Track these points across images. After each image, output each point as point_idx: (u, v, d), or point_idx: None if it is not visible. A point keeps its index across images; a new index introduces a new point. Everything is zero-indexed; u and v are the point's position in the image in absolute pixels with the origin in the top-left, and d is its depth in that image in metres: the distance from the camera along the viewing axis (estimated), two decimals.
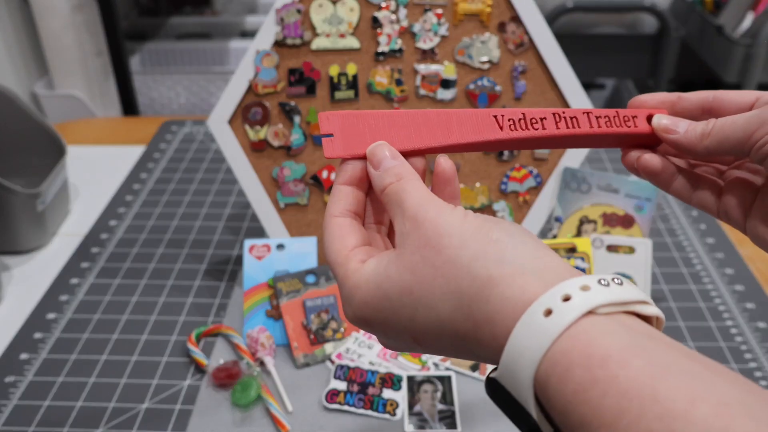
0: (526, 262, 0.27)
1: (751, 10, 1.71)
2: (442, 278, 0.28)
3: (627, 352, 0.23)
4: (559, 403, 0.24)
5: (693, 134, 0.35)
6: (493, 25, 0.66)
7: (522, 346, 0.25)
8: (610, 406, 0.22)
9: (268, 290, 0.70)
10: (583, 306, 0.24)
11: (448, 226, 0.29)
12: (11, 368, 0.66)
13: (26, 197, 0.79)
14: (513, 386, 0.26)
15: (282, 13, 0.65)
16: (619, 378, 0.22)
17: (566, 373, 0.24)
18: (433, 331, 0.29)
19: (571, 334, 0.24)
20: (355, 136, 0.34)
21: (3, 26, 1.27)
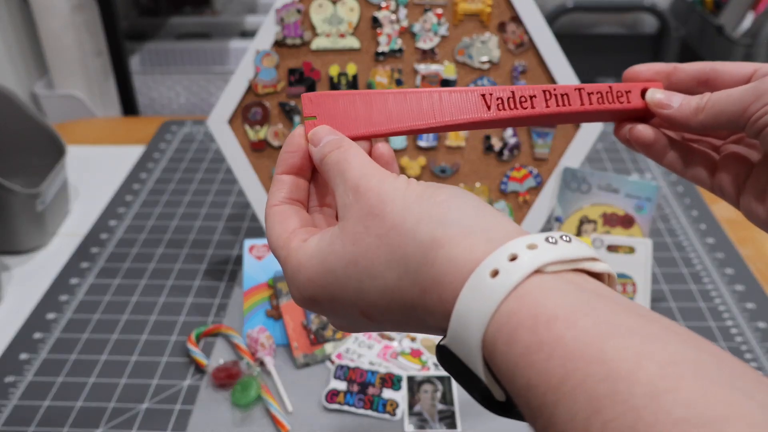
0: (473, 222, 0.26)
1: (751, 10, 1.71)
2: (386, 246, 0.27)
3: (574, 312, 0.22)
4: (506, 367, 0.23)
5: (687, 109, 0.35)
6: (493, 25, 0.66)
7: (469, 309, 0.24)
8: (555, 368, 0.21)
9: (268, 290, 0.70)
10: (530, 265, 0.24)
11: (391, 193, 0.28)
12: (11, 368, 0.66)
13: (26, 197, 0.79)
14: (462, 351, 0.25)
15: (282, 13, 0.65)
16: (564, 339, 0.22)
17: (513, 335, 0.23)
18: (382, 302, 0.28)
19: (517, 294, 0.23)
20: (339, 117, 0.33)
21: (3, 26, 1.27)
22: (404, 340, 0.68)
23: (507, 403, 0.26)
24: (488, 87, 0.34)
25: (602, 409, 0.20)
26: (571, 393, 0.21)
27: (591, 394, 0.20)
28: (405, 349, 0.67)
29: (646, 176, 0.98)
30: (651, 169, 0.99)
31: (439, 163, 0.70)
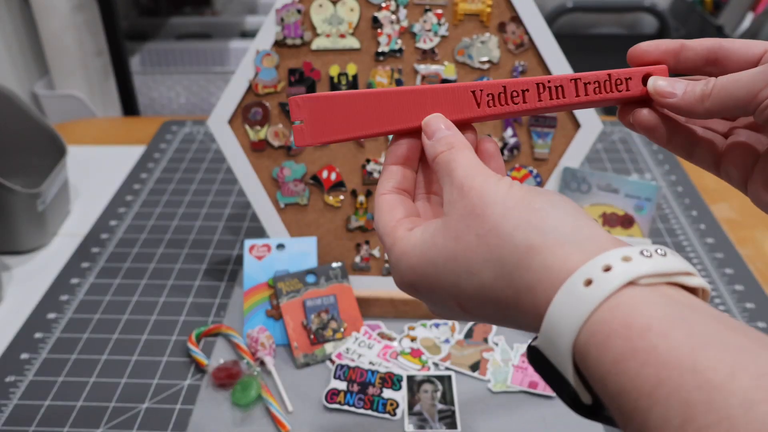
0: (568, 232, 0.27)
1: (750, 11, 1.71)
2: (484, 246, 0.28)
3: (667, 323, 0.23)
4: (597, 372, 0.24)
5: (692, 96, 0.33)
6: (493, 25, 0.66)
7: (562, 315, 0.25)
8: (649, 376, 0.22)
9: (268, 290, 0.70)
10: (624, 276, 0.24)
11: (492, 195, 0.29)
12: (12, 368, 0.66)
13: (26, 197, 0.79)
14: (552, 354, 0.26)
15: (282, 13, 0.65)
16: (658, 349, 0.22)
17: (605, 343, 0.24)
18: (477, 298, 0.29)
19: (611, 304, 0.24)
20: (326, 120, 0.33)
21: (3, 26, 1.27)
22: (404, 340, 0.69)
23: (593, 406, 0.26)
24: (479, 82, 0.34)
25: (696, 416, 0.21)
26: (665, 400, 0.22)
27: (685, 401, 0.21)
28: (405, 349, 0.67)
29: (645, 176, 0.98)
30: (651, 170, 0.99)
31: None
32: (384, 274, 0.73)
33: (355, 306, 0.70)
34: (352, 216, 0.72)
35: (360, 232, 0.72)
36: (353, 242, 0.73)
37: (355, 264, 0.73)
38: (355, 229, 0.72)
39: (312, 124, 0.33)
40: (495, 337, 0.69)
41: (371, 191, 0.71)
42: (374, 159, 0.70)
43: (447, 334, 0.69)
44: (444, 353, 0.67)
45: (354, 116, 0.33)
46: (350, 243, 0.73)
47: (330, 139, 0.34)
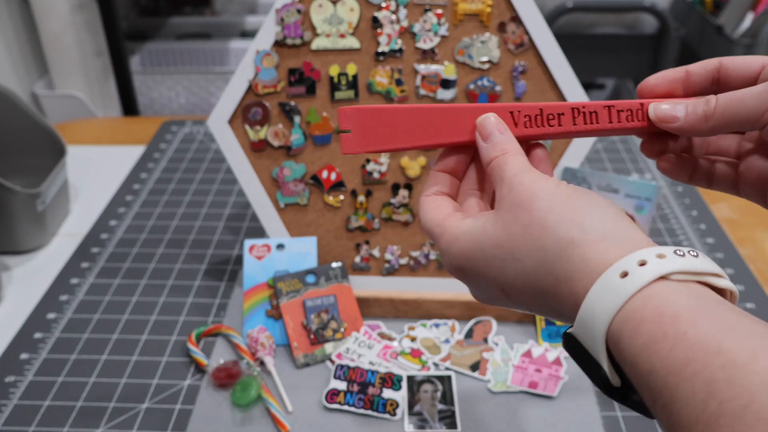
0: (609, 230, 0.29)
1: (750, 11, 1.71)
2: (529, 236, 0.31)
3: (696, 313, 0.25)
4: (629, 355, 0.26)
5: (694, 117, 0.35)
6: (493, 25, 0.66)
7: (598, 303, 0.27)
8: (678, 357, 0.25)
9: (268, 290, 0.70)
10: (657, 271, 0.27)
11: (540, 191, 0.32)
12: (11, 368, 0.66)
13: (26, 197, 0.79)
14: (587, 340, 0.28)
15: (282, 13, 0.65)
16: (687, 334, 0.25)
17: (638, 329, 0.26)
18: (519, 283, 0.32)
19: (644, 294, 0.26)
20: (372, 131, 0.35)
21: (3, 26, 1.27)
22: (404, 340, 0.69)
23: (622, 389, 0.29)
24: (518, 104, 0.36)
25: (719, 391, 0.23)
26: (691, 377, 0.24)
27: (710, 379, 0.24)
28: (405, 349, 0.67)
29: (645, 176, 0.98)
30: (651, 170, 0.99)
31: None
32: (384, 275, 0.73)
33: (355, 306, 0.70)
34: (352, 216, 0.72)
35: (360, 232, 0.72)
36: (353, 242, 0.73)
37: (355, 264, 0.73)
38: (355, 229, 0.72)
39: (359, 133, 0.35)
40: (495, 337, 0.69)
41: (371, 191, 0.71)
42: (374, 159, 0.70)
43: (447, 334, 0.69)
44: (444, 353, 0.67)
45: (398, 129, 0.36)
46: (350, 243, 0.73)
47: (374, 148, 0.36)
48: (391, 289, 0.73)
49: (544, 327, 0.68)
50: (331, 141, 0.70)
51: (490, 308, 0.71)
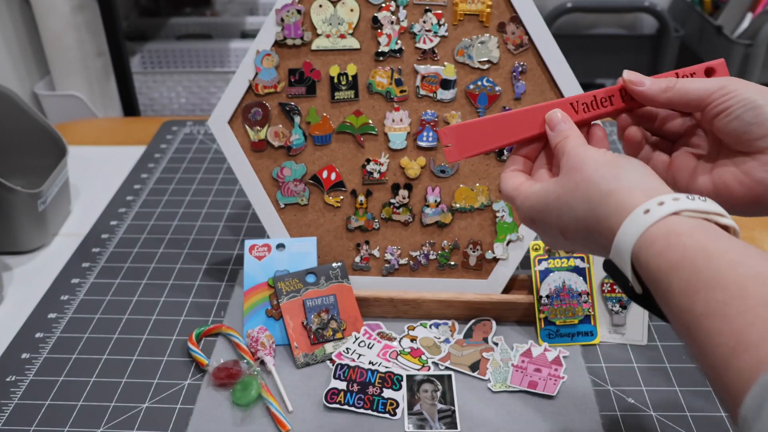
0: (637, 183, 0.39)
1: (749, 11, 1.71)
2: (580, 190, 0.41)
3: (695, 231, 0.35)
4: (645, 265, 0.36)
5: (657, 87, 0.45)
6: (493, 25, 0.66)
7: (626, 234, 0.37)
8: (674, 256, 0.34)
9: (269, 290, 0.71)
10: (671, 208, 0.36)
11: (589, 159, 0.41)
12: (12, 368, 0.67)
13: (27, 197, 0.79)
14: (619, 262, 0.38)
15: (282, 13, 0.66)
16: (685, 243, 0.34)
17: (651, 245, 0.35)
18: (572, 226, 0.42)
19: (659, 224, 0.35)
20: (467, 141, 0.47)
21: (4, 27, 1.28)
22: (404, 340, 0.69)
23: (643, 296, 0.38)
24: (576, 95, 0.47)
25: (699, 280, 0.33)
26: (683, 270, 0.33)
27: (693, 269, 0.33)
28: (405, 348, 0.68)
29: None
30: None
31: (438, 164, 0.70)
32: (384, 275, 0.73)
33: (355, 306, 0.70)
34: (352, 216, 0.72)
35: (360, 232, 0.72)
36: (353, 242, 0.73)
37: (355, 264, 0.73)
38: (355, 229, 0.72)
39: (457, 145, 0.47)
40: (494, 337, 0.69)
41: (371, 191, 0.71)
42: (374, 159, 0.70)
43: (447, 334, 0.70)
44: (444, 353, 0.67)
45: (486, 135, 0.47)
46: (350, 243, 0.73)
47: (471, 153, 0.47)
48: (391, 289, 0.73)
49: (543, 327, 0.69)
50: (331, 141, 0.70)
51: (490, 308, 0.71)
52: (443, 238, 0.72)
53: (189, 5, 1.86)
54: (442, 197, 0.71)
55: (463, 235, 0.72)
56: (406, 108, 0.69)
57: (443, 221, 0.71)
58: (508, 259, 0.71)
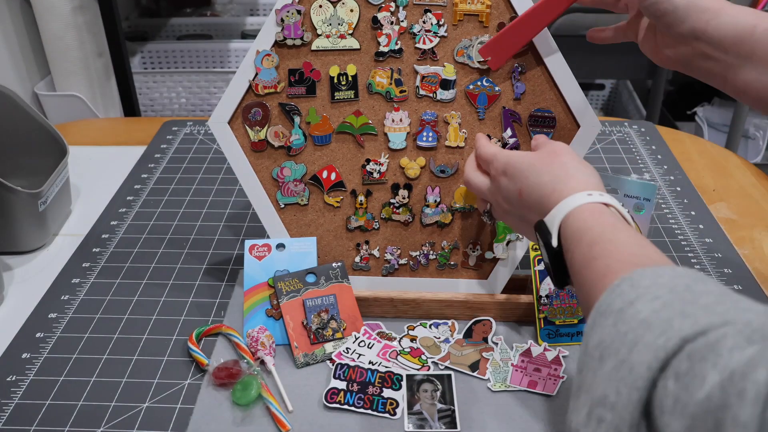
0: (593, 181, 0.52)
1: None
2: (551, 165, 0.54)
3: (610, 215, 0.48)
4: (570, 224, 0.49)
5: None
6: (493, 25, 0.66)
7: (570, 202, 0.50)
8: (593, 223, 0.48)
9: (269, 290, 0.71)
10: (606, 200, 0.50)
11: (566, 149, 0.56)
12: (13, 367, 0.67)
13: (27, 197, 0.79)
14: (552, 220, 0.50)
15: (282, 13, 0.66)
16: (601, 219, 0.48)
17: (581, 213, 0.49)
18: (533, 187, 0.54)
19: (593, 204, 0.49)
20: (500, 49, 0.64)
21: (4, 27, 1.28)
22: (404, 340, 0.69)
23: (558, 253, 0.50)
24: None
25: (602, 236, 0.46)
26: (592, 230, 0.47)
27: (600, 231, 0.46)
28: (405, 348, 0.68)
29: (644, 176, 0.98)
30: (650, 169, 1.00)
31: (438, 164, 0.70)
32: (383, 275, 0.73)
33: (355, 306, 0.70)
34: (351, 216, 0.72)
35: (360, 232, 0.72)
36: (353, 242, 0.73)
37: (355, 264, 0.73)
38: (354, 229, 0.72)
39: (495, 55, 0.64)
40: (494, 337, 0.69)
41: (371, 191, 0.71)
42: (374, 159, 0.70)
43: (447, 334, 0.70)
44: (443, 353, 0.67)
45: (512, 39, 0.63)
46: (350, 243, 0.73)
47: (507, 57, 0.65)
48: (391, 289, 0.73)
49: (543, 327, 0.69)
50: (331, 141, 0.70)
51: (490, 308, 0.71)
52: (443, 238, 0.72)
53: (189, 5, 1.86)
54: (441, 197, 0.71)
55: (462, 235, 0.72)
56: (406, 108, 0.69)
57: (443, 221, 0.71)
58: (507, 259, 0.72)
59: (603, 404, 0.33)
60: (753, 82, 0.52)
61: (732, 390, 0.27)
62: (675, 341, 0.32)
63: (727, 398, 0.27)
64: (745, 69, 0.52)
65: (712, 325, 0.31)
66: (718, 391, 0.28)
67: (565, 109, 0.67)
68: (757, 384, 0.27)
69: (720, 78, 0.55)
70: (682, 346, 0.31)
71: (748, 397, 0.27)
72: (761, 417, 0.26)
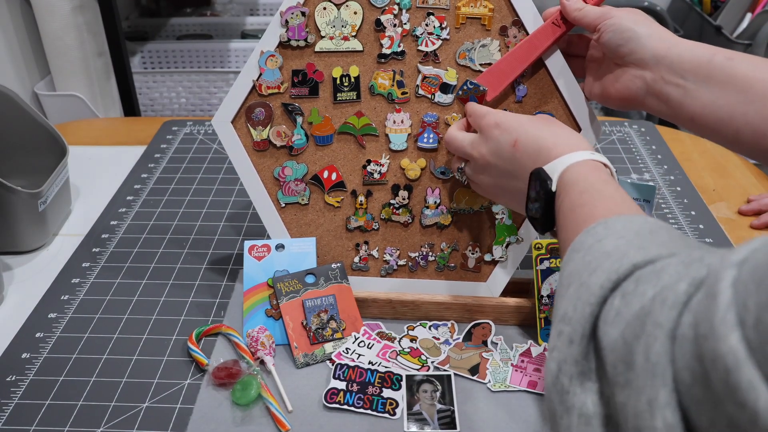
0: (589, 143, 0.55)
1: (749, 11, 1.71)
2: (553, 124, 0.58)
3: (605, 174, 0.51)
4: (568, 175, 0.51)
5: (572, 6, 0.62)
6: (495, 28, 0.66)
7: (574, 157, 0.52)
8: (570, 178, 0.51)
9: (268, 290, 0.71)
10: (604, 160, 0.53)
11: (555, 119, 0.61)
12: (13, 367, 0.67)
13: (27, 197, 0.79)
14: (553, 169, 0.52)
15: (287, 15, 0.66)
16: (597, 174, 0.50)
17: (582, 167, 0.51)
18: (532, 139, 0.56)
19: (594, 162, 0.52)
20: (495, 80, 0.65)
21: (4, 27, 1.28)
22: (404, 340, 0.69)
23: (550, 197, 0.52)
24: (551, 17, 0.63)
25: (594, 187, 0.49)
26: (586, 181, 0.50)
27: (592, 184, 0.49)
28: (404, 348, 0.68)
29: (644, 176, 0.98)
30: (650, 169, 1.00)
31: (439, 165, 0.70)
32: (382, 275, 0.73)
33: (355, 306, 0.70)
34: (351, 216, 0.72)
35: (359, 232, 0.73)
36: (353, 242, 0.73)
37: (354, 264, 0.73)
38: (354, 230, 0.72)
39: (490, 85, 0.65)
40: (494, 338, 0.69)
41: (371, 192, 0.71)
42: (375, 160, 0.70)
43: (446, 335, 0.70)
44: (443, 355, 0.67)
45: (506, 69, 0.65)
46: (350, 243, 0.73)
47: (502, 87, 0.65)
48: (390, 290, 0.73)
49: (543, 327, 0.69)
50: (333, 141, 0.70)
51: (489, 310, 0.71)
52: (442, 239, 0.72)
53: (189, 5, 1.86)
54: (441, 199, 0.71)
55: (462, 237, 0.72)
56: (408, 110, 0.69)
57: (443, 223, 0.72)
58: (506, 261, 0.72)
59: (563, 320, 0.38)
60: (708, 104, 0.54)
61: (658, 299, 0.32)
62: (627, 267, 0.36)
63: (652, 306, 0.32)
64: (702, 92, 0.55)
65: (660, 256, 0.36)
66: (649, 302, 0.33)
67: (567, 113, 0.67)
68: (677, 293, 0.31)
69: (675, 103, 0.57)
70: (632, 271, 0.36)
71: (667, 303, 0.31)
72: (675, 320, 0.30)
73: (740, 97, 0.53)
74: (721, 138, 0.56)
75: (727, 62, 0.54)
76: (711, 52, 0.55)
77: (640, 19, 0.58)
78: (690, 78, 0.55)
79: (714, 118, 0.54)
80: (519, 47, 0.64)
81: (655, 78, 0.57)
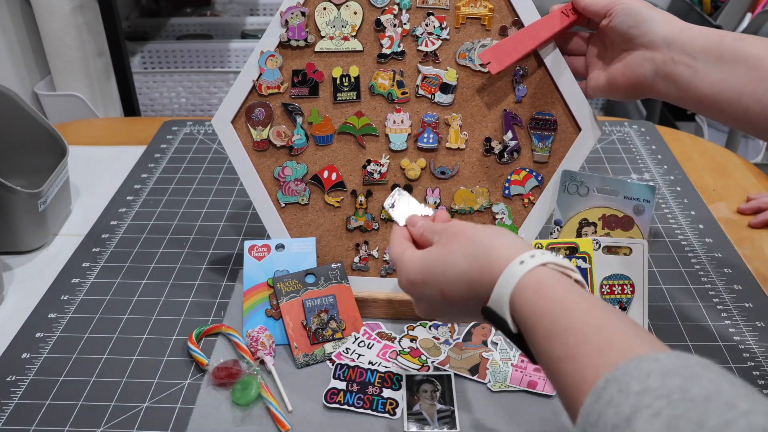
0: (512, 241, 0.46)
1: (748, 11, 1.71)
2: (464, 247, 0.47)
3: (556, 284, 0.42)
4: (519, 309, 0.42)
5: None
6: (495, 28, 0.66)
7: (505, 281, 0.43)
8: (538, 304, 0.41)
9: (268, 290, 0.71)
10: (541, 260, 0.43)
11: (465, 224, 0.49)
12: (13, 367, 0.67)
13: (27, 197, 0.79)
14: (498, 305, 0.43)
15: (287, 15, 0.66)
16: (548, 292, 0.41)
17: (525, 292, 0.42)
18: (454, 280, 0.47)
19: (531, 273, 0.42)
20: (500, 55, 0.63)
21: (4, 27, 1.28)
22: (404, 340, 0.69)
23: (519, 336, 0.43)
24: (561, 6, 0.63)
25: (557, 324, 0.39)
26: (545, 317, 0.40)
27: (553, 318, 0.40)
28: (404, 348, 0.68)
29: (644, 176, 0.98)
30: (650, 169, 1.00)
31: (438, 165, 0.70)
32: (382, 275, 0.73)
33: (355, 306, 0.70)
34: (351, 216, 0.72)
35: (359, 233, 0.73)
36: (353, 242, 0.73)
37: (354, 264, 0.73)
38: (354, 230, 0.73)
39: (495, 60, 0.63)
40: (494, 338, 0.69)
41: (371, 191, 0.71)
42: (375, 160, 0.70)
43: (446, 335, 0.70)
44: (443, 355, 0.67)
45: (513, 47, 0.63)
46: (350, 243, 0.73)
47: (506, 64, 0.63)
48: (390, 290, 0.73)
49: None
50: (333, 141, 0.70)
51: None
52: None
53: (189, 5, 1.86)
54: (441, 199, 0.71)
55: None
56: (407, 110, 0.69)
57: None
58: None
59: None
60: (718, 83, 0.55)
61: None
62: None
63: None
64: (712, 71, 0.56)
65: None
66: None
67: (567, 113, 0.67)
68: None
69: (684, 84, 0.57)
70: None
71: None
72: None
73: (750, 75, 0.54)
74: (730, 117, 0.56)
75: (737, 42, 0.55)
76: (722, 33, 0.56)
77: (648, 4, 0.60)
78: (700, 58, 0.56)
79: (723, 97, 0.55)
80: (527, 29, 0.64)
81: (664, 59, 0.58)
